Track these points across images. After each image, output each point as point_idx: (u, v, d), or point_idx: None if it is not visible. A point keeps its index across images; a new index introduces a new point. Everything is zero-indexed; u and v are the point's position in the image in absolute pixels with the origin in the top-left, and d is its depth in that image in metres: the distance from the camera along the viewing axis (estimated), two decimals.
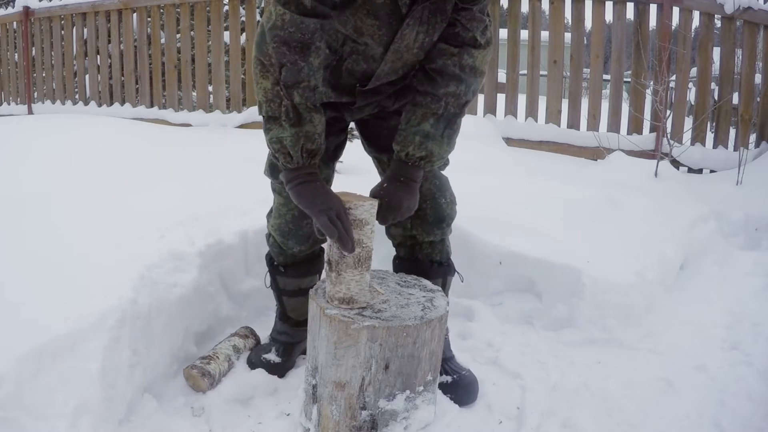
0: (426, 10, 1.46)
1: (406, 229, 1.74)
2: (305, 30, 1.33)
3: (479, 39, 1.51)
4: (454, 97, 1.53)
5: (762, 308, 2.32)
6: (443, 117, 1.53)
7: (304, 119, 1.39)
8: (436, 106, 1.52)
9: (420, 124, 1.52)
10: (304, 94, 1.38)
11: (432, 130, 1.53)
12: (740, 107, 4.40)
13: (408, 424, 1.50)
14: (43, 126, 4.06)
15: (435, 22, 1.48)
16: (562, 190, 3.07)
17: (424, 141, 1.52)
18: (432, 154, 1.54)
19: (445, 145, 1.56)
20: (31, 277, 1.70)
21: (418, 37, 1.49)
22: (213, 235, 2.05)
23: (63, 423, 1.35)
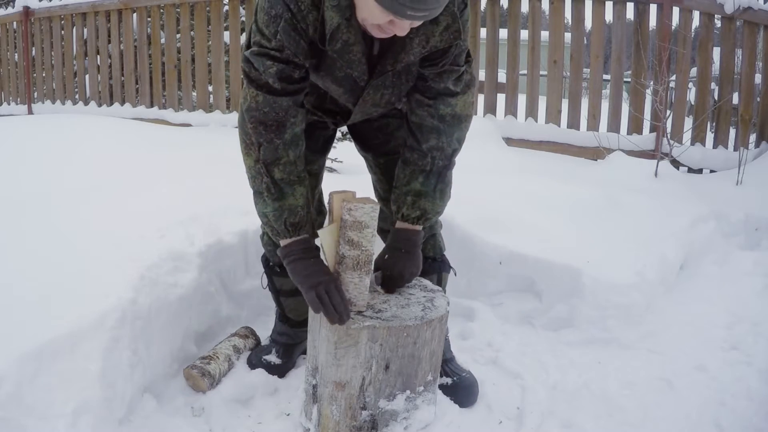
0: (389, 77, 1.48)
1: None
2: (278, 109, 1.41)
3: (453, 88, 1.50)
4: (439, 150, 1.53)
5: (762, 308, 2.32)
6: (432, 173, 1.54)
7: (285, 194, 1.45)
8: (423, 163, 1.53)
9: (410, 183, 1.55)
10: (285, 169, 1.44)
11: (422, 188, 1.54)
12: (740, 107, 4.40)
13: (408, 424, 1.50)
14: (43, 126, 4.06)
15: (400, 83, 1.51)
16: (562, 190, 3.07)
17: (417, 200, 1.55)
18: (426, 211, 1.56)
19: (438, 200, 1.57)
20: (31, 277, 1.70)
21: (384, 97, 1.54)
22: (213, 235, 2.05)
23: (63, 423, 1.35)
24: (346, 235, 1.41)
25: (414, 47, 1.41)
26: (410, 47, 1.41)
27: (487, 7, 4.63)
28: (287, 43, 1.36)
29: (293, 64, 1.39)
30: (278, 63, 1.38)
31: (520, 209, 2.70)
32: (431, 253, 1.79)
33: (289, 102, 1.41)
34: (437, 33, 1.40)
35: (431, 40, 1.40)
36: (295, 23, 1.35)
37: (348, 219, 1.40)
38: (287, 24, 1.35)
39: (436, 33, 1.40)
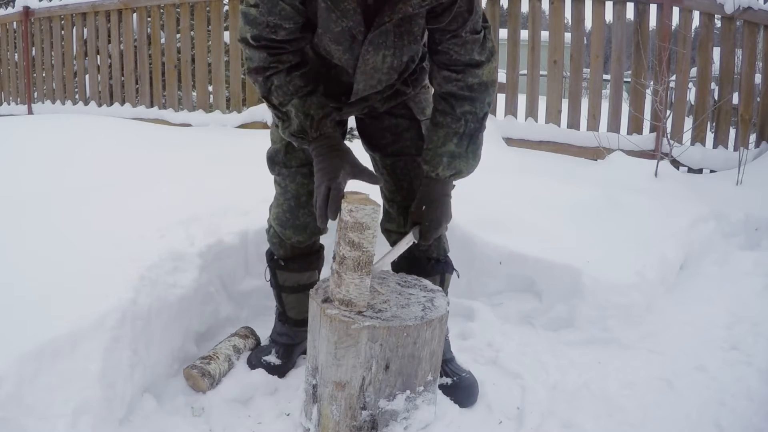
0: (390, 35, 1.48)
1: (400, 226, 1.76)
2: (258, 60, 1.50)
3: (478, 58, 1.51)
4: (472, 114, 1.56)
5: (762, 308, 2.32)
6: (465, 134, 1.57)
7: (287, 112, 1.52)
8: (457, 126, 1.56)
9: (444, 145, 1.57)
10: (278, 93, 1.52)
11: (457, 149, 1.57)
12: (740, 107, 4.40)
13: (408, 424, 1.50)
14: (43, 126, 4.06)
15: (402, 44, 1.52)
16: (562, 190, 3.07)
17: (452, 161, 1.58)
18: (461, 171, 1.61)
19: (471, 160, 1.61)
20: (32, 277, 1.70)
21: (386, 60, 1.54)
22: (213, 235, 2.05)
23: (63, 423, 1.35)
24: (347, 236, 1.41)
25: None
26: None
27: (487, 7, 4.63)
28: (262, 6, 1.41)
29: (267, 25, 1.43)
30: (253, 26, 1.45)
31: (520, 209, 2.70)
32: (435, 254, 1.79)
33: (265, 54, 1.48)
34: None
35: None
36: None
37: (349, 220, 1.40)
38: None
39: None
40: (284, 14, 1.42)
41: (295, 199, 1.72)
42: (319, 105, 1.53)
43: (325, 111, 1.53)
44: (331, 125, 1.54)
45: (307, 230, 1.76)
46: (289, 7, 1.42)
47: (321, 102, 1.54)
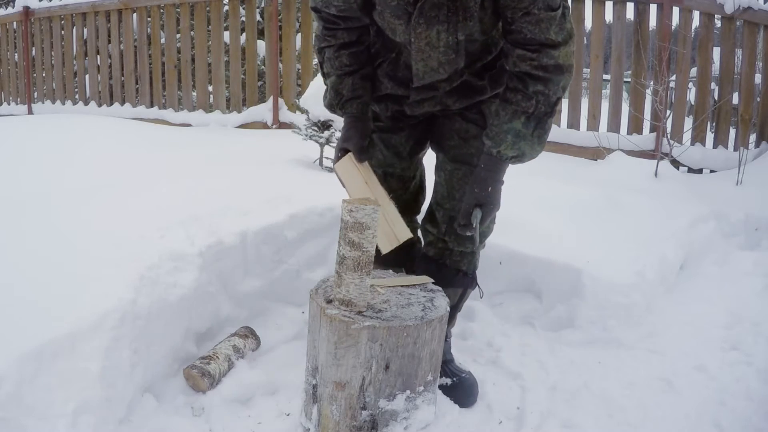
0: (443, 8, 1.45)
1: (440, 232, 1.74)
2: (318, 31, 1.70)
3: (555, 38, 1.44)
4: (544, 96, 1.50)
5: (762, 308, 2.32)
6: (534, 116, 1.51)
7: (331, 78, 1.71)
8: (527, 105, 1.50)
9: (511, 122, 1.51)
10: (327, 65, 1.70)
11: (524, 129, 1.52)
12: (740, 107, 4.40)
13: (408, 424, 1.50)
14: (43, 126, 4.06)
15: (456, 20, 1.47)
16: (562, 190, 3.07)
17: (517, 141, 1.52)
18: (524, 154, 1.56)
19: (536, 144, 1.55)
20: (32, 277, 1.69)
21: (441, 36, 1.50)
22: (213, 235, 2.05)
23: (63, 423, 1.35)
24: (347, 236, 1.41)
25: None
26: None
27: None
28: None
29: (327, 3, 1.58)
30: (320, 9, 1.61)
31: (520, 209, 2.69)
32: (465, 268, 1.77)
33: (320, 24, 1.67)
34: None
35: None
36: None
37: (349, 220, 1.40)
38: None
39: None
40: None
41: None
42: (352, 87, 1.65)
43: (355, 93, 1.65)
44: (358, 108, 1.66)
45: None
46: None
47: (356, 84, 1.65)
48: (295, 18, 5.32)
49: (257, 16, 5.56)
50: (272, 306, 2.18)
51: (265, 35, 6.04)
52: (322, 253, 2.31)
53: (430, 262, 1.77)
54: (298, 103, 3.44)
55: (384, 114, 1.76)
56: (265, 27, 5.97)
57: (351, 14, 1.59)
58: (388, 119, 1.75)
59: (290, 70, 5.29)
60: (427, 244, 1.80)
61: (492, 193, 1.57)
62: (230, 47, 5.46)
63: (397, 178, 1.79)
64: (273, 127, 5.16)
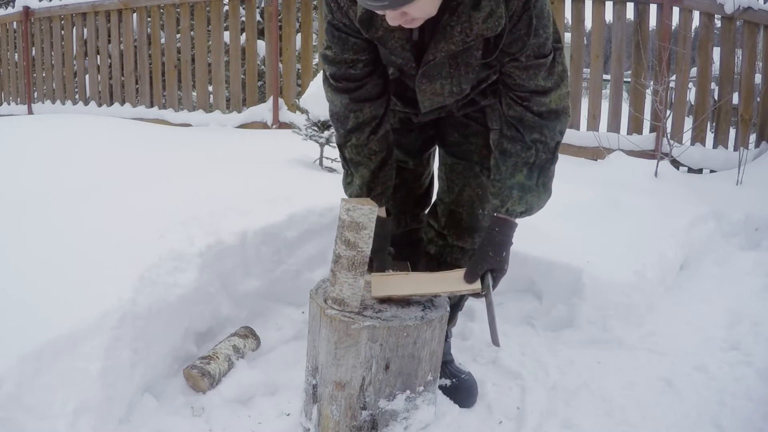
0: (444, 66, 1.45)
1: (440, 226, 1.76)
2: (339, 104, 1.57)
3: (543, 84, 1.43)
4: (542, 144, 1.47)
5: (762, 308, 2.32)
6: (536, 165, 1.48)
7: (352, 172, 1.63)
8: (527, 155, 1.48)
9: (514, 176, 1.49)
10: (352, 151, 1.61)
11: (527, 182, 1.49)
12: (740, 107, 4.40)
13: (408, 424, 1.50)
14: (42, 126, 4.06)
15: (459, 74, 1.47)
16: (562, 190, 3.05)
17: (523, 195, 1.50)
18: (532, 207, 1.52)
19: (543, 194, 1.52)
20: (32, 278, 1.70)
21: (444, 87, 1.50)
22: (213, 235, 2.05)
23: (63, 423, 1.35)
24: (344, 235, 1.41)
25: (455, 35, 1.37)
26: (451, 35, 1.38)
27: None
28: (332, 44, 1.48)
29: (345, 62, 1.49)
30: (331, 65, 1.51)
31: None
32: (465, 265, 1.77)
33: (347, 99, 1.54)
34: (480, 20, 1.34)
35: (474, 27, 1.35)
36: (337, 23, 1.44)
37: (346, 219, 1.40)
38: (330, 25, 1.46)
39: (479, 20, 1.34)
40: (357, 48, 1.47)
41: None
42: (384, 181, 1.60)
43: (384, 188, 1.62)
44: (385, 200, 1.62)
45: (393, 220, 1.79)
46: (360, 41, 1.46)
47: (387, 176, 1.61)
48: (295, 18, 5.32)
49: (257, 16, 5.56)
50: (272, 306, 2.18)
51: (265, 35, 6.04)
52: (322, 253, 2.31)
53: (431, 261, 1.79)
54: (298, 103, 3.44)
55: (392, 119, 1.76)
56: (265, 27, 5.97)
57: (374, 69, 1.51)
58: (397, 123, 1.77)
59: (290, 70, 5.29)
60: (428, 242, 1.81)
61: (505, 258, 1.53)
62: (230, 47, 5.47)
63: (410, 173, 1.82)
64: (273, 127, 5.16)
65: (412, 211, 1.86)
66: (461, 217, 1.73)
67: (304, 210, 2.30)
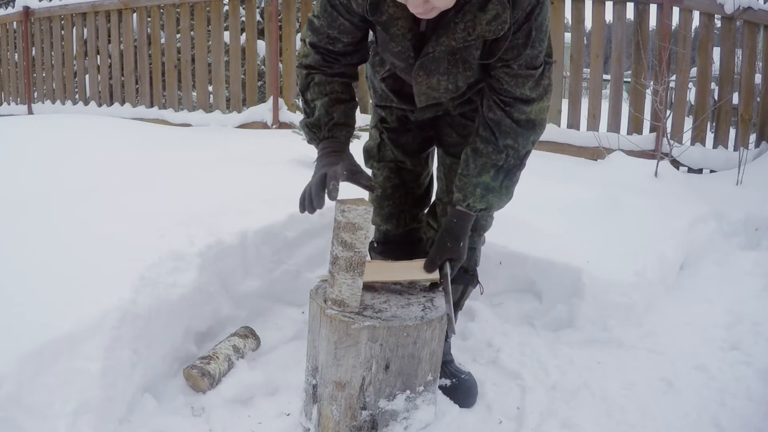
0: (443, 62, 1.47)
1: (440, 226, 1.77)
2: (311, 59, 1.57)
3: (529, 94, 1.46)
4: (513, 150, 1.52)
5: (762, 308, 2.32)
6: (503, 169, 1.53)
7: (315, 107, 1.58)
8: (497, 158, 1.52)
9: (480, 175, 1.54)
10: (314, 90, 1.58)
11: (492, 183, 1.54)
12: (740, 107, 4.40)
13: (408, 424, 1.50)
14: (42, 126, 4.06)
15: (456, 71, 1.49)
16: (562, 190, 3.07)
17: (486, 194, 1.55)
18: (492, 206, 1.58)
19: (504, 196, 1.58)
20: (32, 278, 1.69)
21: (440, 83, 1.53)
22: (213, 235, 2.05)
23: (63, 423, 1.35)
24: (340, 236, 1.41)
25: (458, 32, 1.39)
26: (453, 31, 1.39)
27: None
28: (322, 15, 1.48)
29: (327, 36, 1.51)
30: (314, 34, 1.53)
31: (519, 209, 2.68)
32: (465, 264, 1.77)
33: (320, 58, 1.55)
34: (484, 21, 1.36)
35: (477, 27, 1.37)
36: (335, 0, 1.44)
37: (342, 220, 1.40)
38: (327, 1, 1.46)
39: (483, 21, 1.36)
40: (343, 29, 1.48)
41: (382, 190, 1.81)
42: (345, 113, 1.56)
43: (347, 120, 1.57)
44: (346, 136, 1.57)
45: (393, 220, 1.83)
46: (348, 23, 1.47)
47: (348, 112, 1.57)
48: (295, 18, 5.32)
49: (257, 16, 5.56)
50: (272, 306, 2.18)
51: (265, 35, 6.04)
52: (322, 253, 2.31)
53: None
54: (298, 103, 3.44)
55: (390, 118, 1.79)
56: (265, 27, 5.97)
57: (353, 50, 1.55)
58: (395, 121, 1.78)
59: (290, 70, 5.29)
60: (428, 241, 1.83)
61: (463, 248, 1.58)
62: (230, 47, 5.47)
63: (409, 172, 1.83)
64: (273, 127, 5.16)
65: (412, 211, 1.87)
66: None
67: None
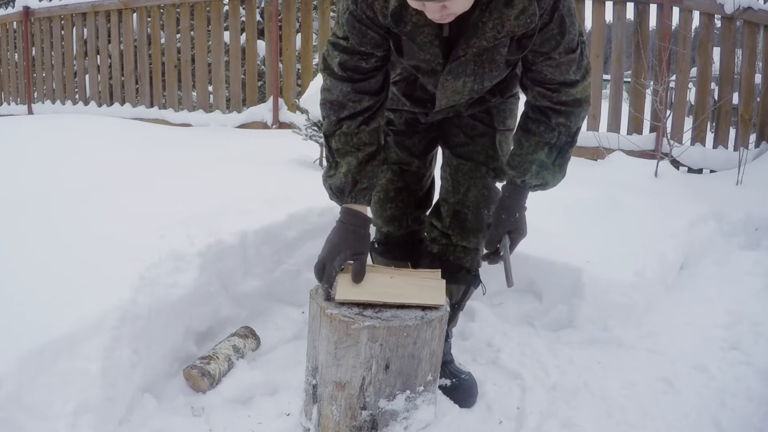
0: (470, 64, 1.48)
1: (444, 226, 1.77)
2: (339, 93, 1.52)
3: (573, 77, 1.48)
4: (565, 127, 1.54)
5: (762, 308, 2.32)
6: (555, 146, 1.55)
7: (339, 163, 1.55)
8: (550, 136, 1.54)
9: (535, 153, 1.55)
10: (340, 140, 1.54)
11: (546, 159, 1.56)
12: (740, 107, 4.40)
13: (408, 424, 1.50)
14: (42, 126, 4.06)
15: (483, 72, 1.50)
16: (562, 189, 3.05)
17: (540, 170, 1.57)
18: (546, 183, 1.60)
19: (558, 173, 1.60)
20: (32, 278, 1.70)
21: (466, 85, 1.54)
22: (213, 235, 2.05)
23: (63, 423, 1.35)
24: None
25: (487, 32, 1.40)
26: (482, 31, 1.40)
27: None
28: (351, 34, 1.46)
29: (359, 54, 1.48)
30: (344, 53, 1.48)
31: None
32: (468, 265, 1.79)
33: (349, 87, 1.51)
34: (512, 17, 1.37)
35: (506, 24, 1.38)
36: (360, 14, 1.43)
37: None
38: (351, 15, 1.44)
39: (511, 17, 1.37)
40: (374, 43, 1.47)
41: (384, 193, 1.81)
42: (371, 173, 1.55)
43: (370, 183, 1.55)
44: (369, 198, 1.56)
45: (395, 222, 1.84)
46: (378, 36, 1.46)
47: (374, 172, 1.55)
48: (295, 18, 5.32)
49: (257, 16, 5.56)
50: (272, 306, 2.18)
51: (265, 35, 6.04)
52: None
53: (434, 260, 1.79)
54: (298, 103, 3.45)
55: (398, 120, 1.79)
56: (265, 27, 5.97)
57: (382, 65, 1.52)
58: (402, 124, 1.78)
59: (290, 70, 5.29)
60: (431, 241, 1.82)
61: (519, 219, 1.61)
62: (230, 47, 5.47)
63: (412, 174, 1.83)
64: (273, 127, 5.17)
65: (414, 213, 1.86)
66: (466, 218, 1.74)
67: (304, 210, 2.30)
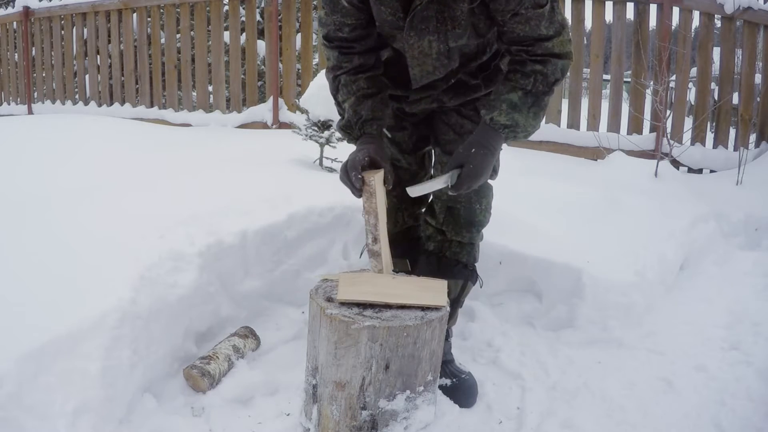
0: (431, 20, 1.51)
1: (438, 222, 1.78)
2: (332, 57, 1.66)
3: (546, 32, 1.48)
4: (543, 75, 1.52)
5: (762, 308, 2.32)
6: (531, 93, 1.53)
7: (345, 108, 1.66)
8: (525, 82, 1.52)
9: (508, 94, 1.53)
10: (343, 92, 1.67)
11: (519, 102, 1.52)
12: (740, 107, 4.40)
13: (408, 424, 1.50)
14: (42, 126, 4.06)
15: (446, 30, 1.53)
16: (562, 189, 3.07)
17: (511, 111, 1.53)
18: (517, 125, 1.54)
19: (531, 119, 1.55)
20: (32, 278, 1.70)
21: (432, 45, 1.57)
22: (213, 235, 2.05)
23: (63, 423, 1.35)
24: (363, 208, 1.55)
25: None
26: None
27: None
28: (327, 7, 1.58)
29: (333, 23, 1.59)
30: (323, 26, 1.62)
31: (520, 209, 2.70)
32: (464, 259, 1.80)
33: (337, 53, 1.64)
34: None
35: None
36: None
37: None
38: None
39: None
40: (345, 12, 1.56)
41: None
42: (372, 108, 1.62)
43: (375, 114, 1.62)
44: (378, 129, 1.63)
45: (390, 218, 1.81)
46: (348, 5, 1.55)
47: (376, 106, 1.62)
48: (295, 18, 5.32)
49: (257, 16, 5.55)
50: (272, 306, 2.19)
51: (265, 35, 6.04)
52: (322, 253, 2.31)
53: (430, 256, 1.81)
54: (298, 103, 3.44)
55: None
56: (265, 27, 5.96)
57: (363, 33, 1.61)
58: (391, 118, 1.79)
59: (290, 70, 5.28)
60: (427, 239, 1.83)
61: (476, 156, 1.52)
62: (230, 47, 5.46)
63: (405, 170, 1.85)
64: (273, 127, 5.16)
65: (410, 209, 1.89)
66: (459, 213, 1.76)
67: (304, 210, 2.30)
